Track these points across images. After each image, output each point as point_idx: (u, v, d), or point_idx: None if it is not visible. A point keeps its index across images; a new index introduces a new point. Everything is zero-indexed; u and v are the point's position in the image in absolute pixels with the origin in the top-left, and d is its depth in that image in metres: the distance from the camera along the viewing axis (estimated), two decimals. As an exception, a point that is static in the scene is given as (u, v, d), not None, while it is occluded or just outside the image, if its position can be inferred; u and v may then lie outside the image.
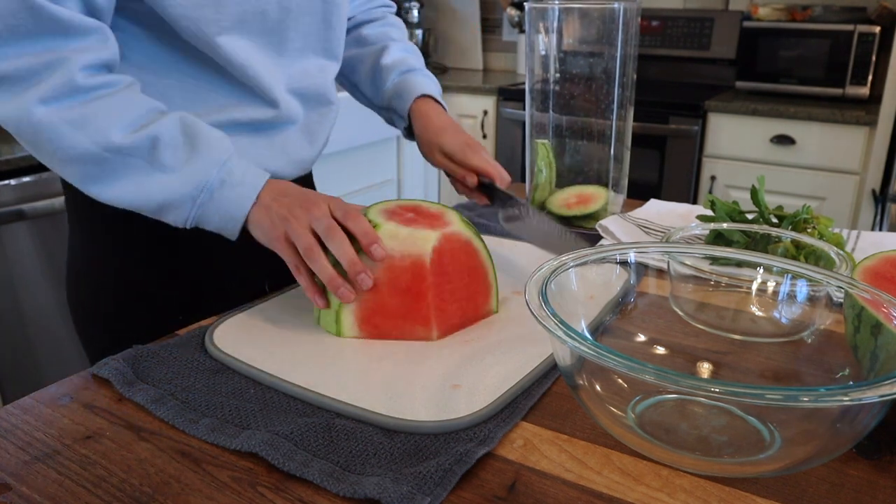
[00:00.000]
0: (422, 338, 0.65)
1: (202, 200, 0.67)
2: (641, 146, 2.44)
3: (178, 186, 0.66)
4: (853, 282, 0.54)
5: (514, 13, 3.15)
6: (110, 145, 0.65)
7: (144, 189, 0.66)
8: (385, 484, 0.44)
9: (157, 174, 0.66)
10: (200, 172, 0.66)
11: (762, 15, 2.52)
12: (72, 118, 0.64)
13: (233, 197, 0.67)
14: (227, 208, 0.67)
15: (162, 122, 0.67)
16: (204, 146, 0.67)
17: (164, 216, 0.68)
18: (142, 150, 0.66)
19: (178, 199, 0.67)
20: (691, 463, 0.47)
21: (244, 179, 0.68)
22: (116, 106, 0.66)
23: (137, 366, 0.60)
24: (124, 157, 0.65)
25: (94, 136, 0.64)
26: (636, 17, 0.92)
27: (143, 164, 0.66)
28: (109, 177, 0.66)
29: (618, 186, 1.00)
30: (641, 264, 0.67)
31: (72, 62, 0.63)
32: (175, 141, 0.67)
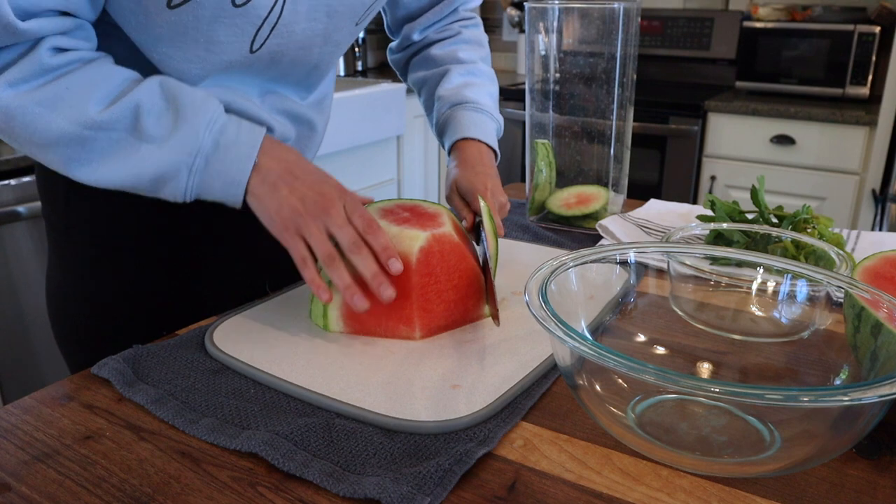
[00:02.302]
0: (405, 337, 0.65)
1: (197, 167, 0.62)
2: (641, 146, 2.45)
3: (168, 156, 0.61)
4: (853, 282, 0.54)
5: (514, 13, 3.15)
6: (88, 121, 0.60)
7: (133, 164, 0.62)
8: (385, 484, 0.44)
9: (144, 146, 0.61)
10: (190, 137, 0.62)
11: (762, 15, 2.52)
12: (43, 98, 0.59)
13: (231, 158, 0.63)
14: (227, 172, 0.63)
15: (140, 88, 0.62)
16: (189, 109, 0.62)
17: (161, 192, 0.63)
18: (123, 121, 0.61)
19: (172, 170, 0.62)
20: (691, 463, 0.47)
21: (239, 138, 0.63)
22: (89, 79, 0.61)
23: (137, 366, 0.60)
24: (106, 133, 0.61)
25: (70, 114, 0.60)
26: (636, 17, 0.92)
27: (128, 137, 0.61)
28: (94, 157, 0.62)
29: (618, 186, 1.00)
30: (641, 264, 0.67)
31: (40, 46, 0.59)
32: (157, 107, 0.62)
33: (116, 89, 0.62)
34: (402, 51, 0.99)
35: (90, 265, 0.78)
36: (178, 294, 0.81)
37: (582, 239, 0.94)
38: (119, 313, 0.79)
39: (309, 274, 0.64)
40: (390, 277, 0.63)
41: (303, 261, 0.64)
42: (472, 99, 0.89)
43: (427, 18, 0.94)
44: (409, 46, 0.97)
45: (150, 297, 0.79)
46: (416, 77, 0.96)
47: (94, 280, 0.78)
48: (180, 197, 0.63)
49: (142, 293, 0.79)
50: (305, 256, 0.64)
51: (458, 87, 0.90)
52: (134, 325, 0.77)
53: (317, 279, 0.64)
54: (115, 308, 0.79)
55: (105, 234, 0.77)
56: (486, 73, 0.96)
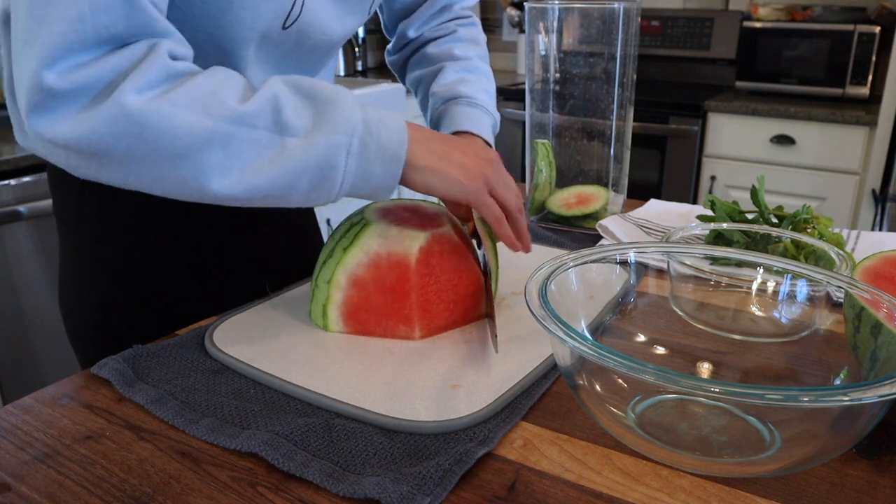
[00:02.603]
0: (404, 337, 0.65)
1: (354, 149, 0.57)
2: (641, 146, 2.45)
3: (322, 142, 0.56)
4: (853, 282, 0.54)
5: (514, 13, 3.15)
6: (234, 114, 0.54)
7: (283, 165, 0.56)
8: (385, 484, 0.44)
9: (290, 140, 0.56)
10: (341, 118, 0.57)
11: (762, 15, 2.52)
12: (178, 99, 0.53)
13: (385, 136, 0.58)
14: (385, 150, 0.58)
15: (269, 85, 0.57)
16: (326, 93, 0.58)
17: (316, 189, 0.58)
18: (265, 115, 0.56)
19: (328, 156, 0.56)
20: (691, 463, 0.47)
21: (382, 116, 0.60)
22: (215, 80, 0.56)
23: (137, 366, 0.60)
24: (250, 130, 0.55)
25: (213, 109, 0.54)
26: (636, 17, 0.92)
27: (270, 135, 0.56)
28: (237, 162, 0.55)
29: (618, 186, 1.00)
30: (641, 264, 0.67)
31: (159, 48, 0.54)
32: (293, 98, 0.57)
33: (243, 89, 0.57)
34: (398, 51, 0.99)
35: (101, 262, 0.78)
36: (187, 292, 0.81)
37: (582, 239, 0.94)
38: (130, 311, 0.79)
39: (505, 229, 0.66)
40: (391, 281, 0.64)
41: (498, 220, 0.65)
42: (467, 94, 0.88)
43: (422, 13, 0.94)
44: (406, 46, 0.98)
45: (160, 296, 0.80)
46: (413, 76, 0.96)
47: (105, 276, 0.79)
48: (334, 192, 0.59)
49: (152, 291, 0.79)
50: (500, 213, 0.65)
51: (453, 83, 0.89)
52: (144, 322, 0.78)
53: (512, 235, 0.67)
54: (125, 305, 0.79)
55: (117, 231, 0.77)
56: (482, 69, 0.95)
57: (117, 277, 0.79)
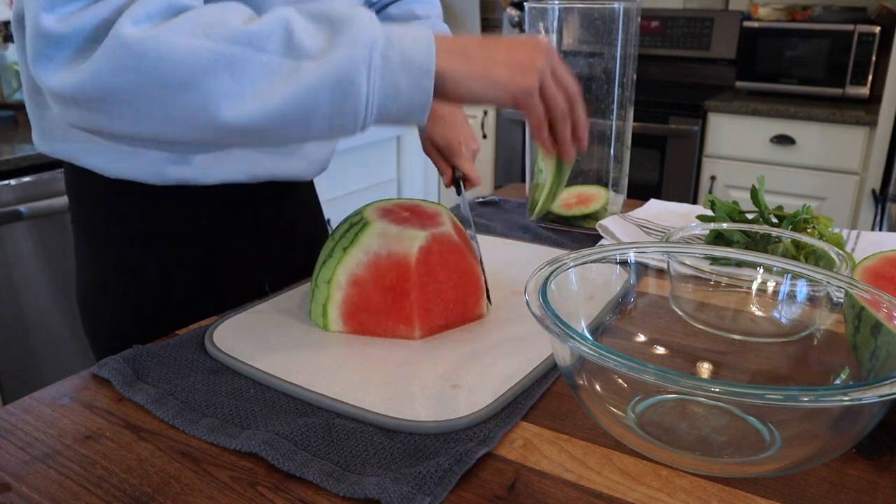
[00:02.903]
0: (404, 336, 0.65)
1: (376, 63, 0.53)
2: (641, 146, 2.44)
3: (340, 59, 0.52)
4: (853, 282, 0.54)
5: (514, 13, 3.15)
6: (237, 34, 0.51)
7: (298, 82, 0.52)
8: (385, 484, 0.44)
9: (306, 63, 0.52)
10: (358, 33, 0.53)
11: (762, 15, 2.52)
12: (177, 27, 0.51)
13: (408, 46, 0.54)
14: (411, 61, 0.54)
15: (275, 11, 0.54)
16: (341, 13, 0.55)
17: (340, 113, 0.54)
18: (275, 38, 0.52)
19: (347, 71, 0.52)
20: (691, 463, 0.47)
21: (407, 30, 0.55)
22: (218, 7, 0.54)
23: (137, 366, 0.60)
24: (258, 53, 0.52)
25: (215, 33, 0.51)
26: (636, 17, 0.92)
27: (282, 60, 0.52)
28: (247, 86, 0.52)
29: (618, 186, 1.00)
30: (641, 264, 0.67)
31: None
32: (304, 21, 0.54)
33: (249, 14, 0.55)
34: None
35: (124, 264, 0.79)
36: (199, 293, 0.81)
37: (582, 239, 0.94)
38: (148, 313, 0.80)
39: (544, 135, 0.61)
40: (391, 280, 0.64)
41: (539, 125, 0.60)
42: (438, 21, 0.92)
43: None
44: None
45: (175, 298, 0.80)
46: None
47: (127, 278, 0.79)
48: (361, 112, 0.54)
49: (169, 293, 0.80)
50: (542, 120, 0.60)
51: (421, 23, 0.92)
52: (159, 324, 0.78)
53: (549, 141, 0.62)
54: (144, 307, 0.80)
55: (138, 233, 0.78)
56: (444, 28, 0.97)
57: (138, 280, 0.79)
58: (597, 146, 0.97)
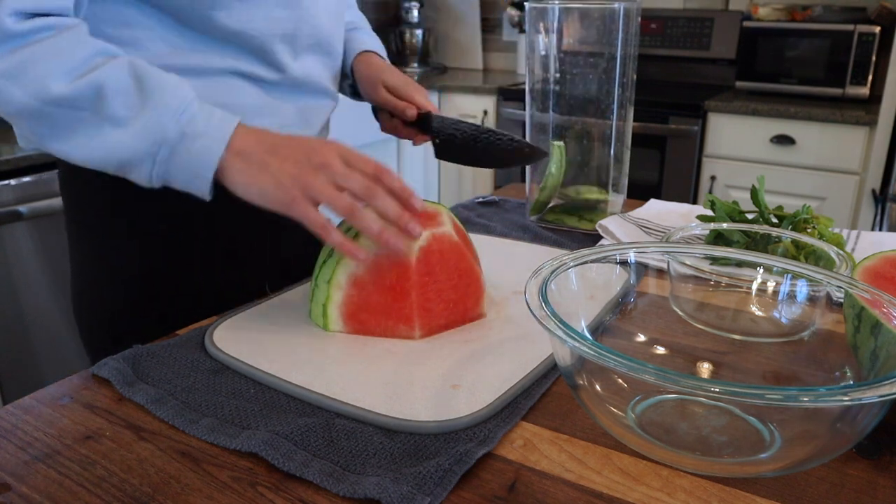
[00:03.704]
0: (405, 336, 0.65)
1: (162, 157, 0.60)
2: (641, 146, 2.44)
3: (132, 142, 0.59)
4: (853, 282, 0.54)
5: (514, 13, 3.15)
6: (48, 97, 0.58)
7: (98, 145, 0.60)
8: (385, 484, 0.44)
9: (108, 128, 0.59)
10: (155, 124, 0.59)
11: (762, 15, 2.52)
12: (6, 69, 0.57)
13: (196, 150, 0.60)
14: (191, 164, 0.60)
15: (108, 66, 0.59)
16: (157, 93, 0.60)
17: (127, 174, 0.62)
18: (85, 99, 0.58)
19: (136, 157, 0.60)
20: (691, 463, 0.47)
21: (208, 129, 0.60)
22: (56, 50, 0.58)
23: (137, 366, 0.60)
24: (68, 110, 0.59)
25: (31, 88, 0.58)
26: (636, 17, 0.92)
27: (91, 116, 0.59)
28: (61, 132, 0.60)
29: (618, 186, 1.00)
30: (641, 264, 0.67)
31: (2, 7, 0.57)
32: (124, 88, 0.59)
33: (83, 64, 0.59)
34: None
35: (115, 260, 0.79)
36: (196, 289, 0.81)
37: (582, 239, 0.94)
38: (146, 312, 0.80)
39: (336, 237, 0.60)
40: (391, 280, 0.63)
41: (323, 227, 0.60)
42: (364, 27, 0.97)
43: None
44: None
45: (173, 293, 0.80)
46: None
47: (121, 273, 0.79)
48: (146, 183, 0.62)
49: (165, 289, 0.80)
50: (324, 222, 0.60)
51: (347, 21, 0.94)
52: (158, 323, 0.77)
53: (346, 241, 0.61)
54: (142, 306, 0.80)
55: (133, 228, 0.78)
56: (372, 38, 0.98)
57: (132, 277, 0.79)
58: (597, 146, 0.97)
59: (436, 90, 2.87)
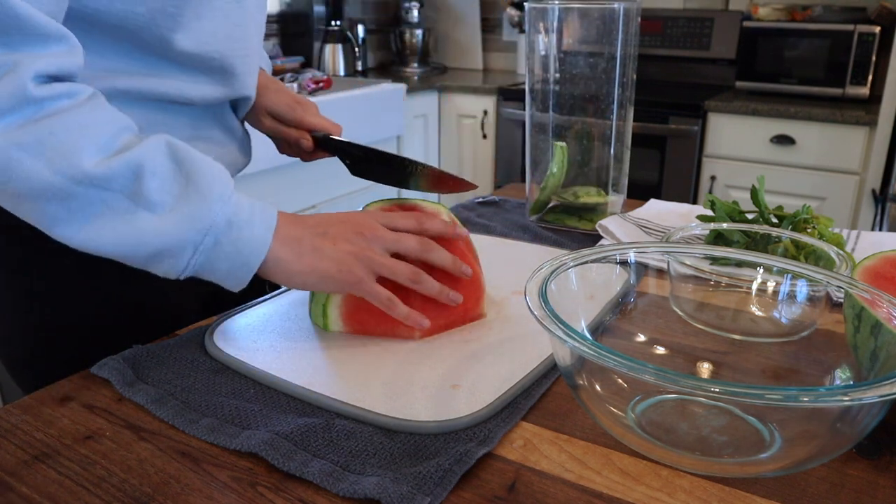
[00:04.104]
0: (405, 336, 0.65)
1: (206, 246, 0.55)
2: (641, 146, 2.44)
3: (173, 230, 0.53)
4: (853, 282, 0.54)
5: (514, 13, 3.15)
6: (80, 175, 0.51)
7: (127, 233, 0.53)
8: (385, 484, 0.44)
9: (143, 213, 0.53)
10: (202, 212, 0.54)
11: (762, 15, 2.52)
12: (25, 140, 0.50)
13: (245, 239, 0.56)
14: (239, 254, 0.56)
15: (145, 146, 0.54)
16: (200, 178, 0.55)
17: (154, 267, 0.56)
18: (122, 180, 0.52)
19: (175, 246, 0.54)
20: (691, 463, 0.47)
21: (253, 218, 0.57)
22: (82, 123, 0.53)
23: (137, 366, 0.60)
24: (99, 192, 0.52)
25: (58, 164, 0.51)
26: (636, 17, 0.92)
27: (124, 200, 0.53)
28: (80, 217, 0.52)
29: (618, 186, 1.00)
30: (641, 264, 0.67)
31: (22, 66, 0.50)
32: (163, 170, 0.54)
33: (114, 141, 0.54)
34: None
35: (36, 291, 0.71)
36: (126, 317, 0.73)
37: (582, 239, 0.94)
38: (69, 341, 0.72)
39: (403, 311, 0.61)
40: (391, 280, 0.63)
41: (390, 301, 0.61)
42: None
43: None
44: None
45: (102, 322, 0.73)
46: None
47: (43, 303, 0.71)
48: (173, 275, 0.56)
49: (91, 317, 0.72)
50: (391, 296, 0.61)
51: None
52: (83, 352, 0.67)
53: (413, 313, 0.62)
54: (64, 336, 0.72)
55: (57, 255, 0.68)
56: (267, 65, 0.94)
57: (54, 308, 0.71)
58: (597, 146, 0.97)
59: (436, 90, 2.88)
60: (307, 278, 0.59)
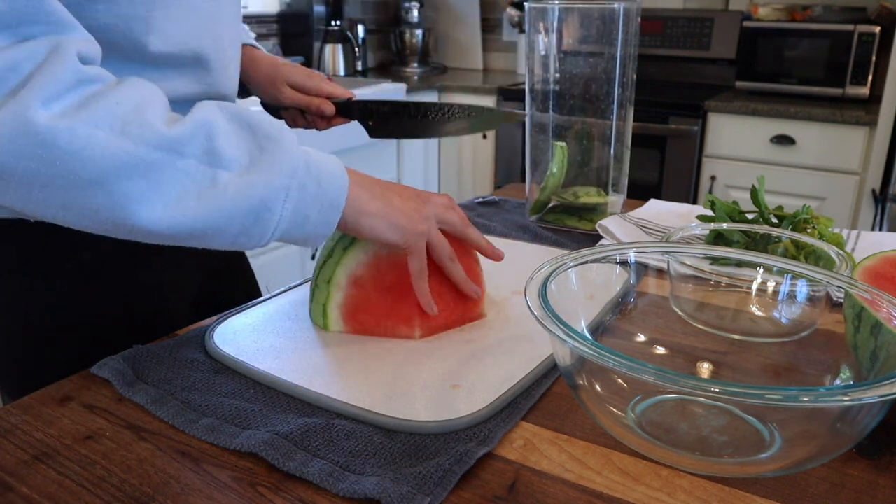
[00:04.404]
0: (405, 336, 0.65)
1: (293, 192, 0.53)
2: (641, 146, 2.44)
3: (258, 181, 0.51)
4: (853, 282, 0.54)
5: (514, 13, 3.15)
6: (159, 139, 0.49)
7: (213, 199, 0.51)
8: (385, 484, 0.44)
9: (223, 175, 0.51)
10: (281, 156, 0.53)
11: (762, 15, 2.52)
12: (94, 117, 0.47)
13: (326, 180, 0.55)
14: (325, 195, 0.55)
15: (202, 108, 0.53)
16: (267, 127, 0.54)
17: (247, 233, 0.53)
18: (195, 142, 0.50)
19: (264, 198, 0.52)
20: (691, 463, 0.47)
21: (321, 157, 0.56)
22: (139, 94, 0.50)
23: (137, 366, 0.60)
24: (177, 158, 0.49)
25: (136, 131, 0.48)
26: (636, 17, 0.92)
27: (200, 166, 0.50)
28: (161, 191, 0.49)
29: (618, 186, 1.00)
30: (641, 264, 0.67)
31: (65, 47, 0.48)
32: (229, 128, 0.52)
33: (167, 108, 0.52)
34: None
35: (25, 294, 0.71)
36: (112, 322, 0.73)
37: (582, 239, 0.94)
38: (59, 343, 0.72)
39: (425, 287, 0.64)
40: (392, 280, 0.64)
41: (420, 273, 0.63)
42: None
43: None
44: None
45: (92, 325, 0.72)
46: None
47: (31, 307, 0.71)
48: (266, 237, 0.54)
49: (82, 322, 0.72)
50: (424, 268, 0.63)
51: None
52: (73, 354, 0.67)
53: (429, 294, 0.64)
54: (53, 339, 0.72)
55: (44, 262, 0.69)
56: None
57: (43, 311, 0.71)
58: (597, 146, 0.97)
59: (436, 90, 2.88)
60: (376, 221, 0.59)
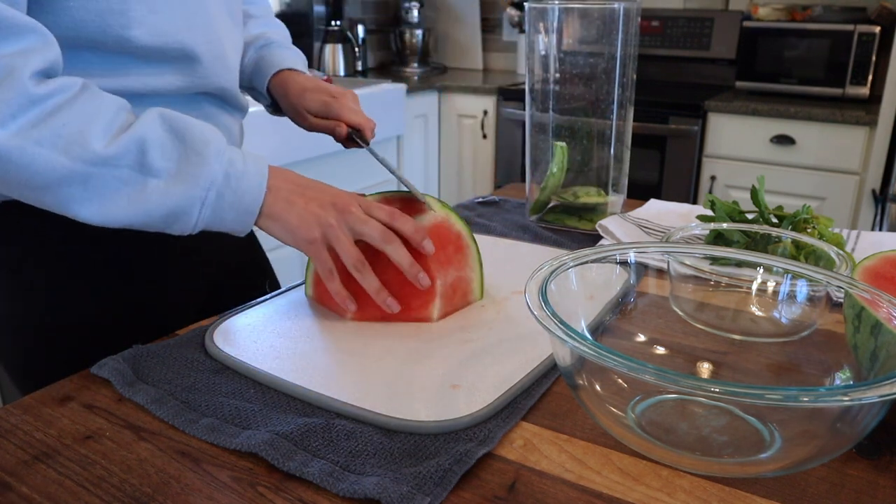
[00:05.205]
0: (420, 319, 0.68)
1: (210, 201, 0.61)
2: (641, 146, 2.44)
3: (179, 191, 0.60)
4: (853, 282, 0.54)
5: (514, 13, 3.15)
6: (93, 157, 0.57)
7: (141, 202, 0.59)
8: (385, 484, 0.44)
9: (152, 182, 0.59)
10: (202, 170, 0.60)
11: (762, 15, 2.52)
12: (42, 137, 0.55)
13: (243, 189, 0.62)
14: (241, 203, 0.62)
15: (143, 122, 0.60)
16: (197, 141, 0.61)
17: (170, 228, 0.62)
18: (128, 157, 0.58)
19: (184, 205, 0.60)
20: (691, 463, 0.47)
21: (247, 168, 0.63)
22: (84, 111, 0.58)
23: (137, 366, 0.60)
24: (110, 169, 0.58)
25: (74, 151, 0.56)
26: (636, 17, 0.92)
27: (132, 173, 0.59)
28: (97, 195, 0.58)
29: (618, 186, 1.00)
30: (641, 264, 0.67)
31: (18, 70, 0.54)
32: (161, 140, 0.60)
33: (114, 121, 0.59)
34: None
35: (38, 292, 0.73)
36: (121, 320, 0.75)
37: (582, 239, 0.94)
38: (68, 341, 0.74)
39: (336, 286, 0.66)
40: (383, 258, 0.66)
41: (329, 273, 0.66)
42: (278, 40, 0.94)
43: None
44: None
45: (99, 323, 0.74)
46: None
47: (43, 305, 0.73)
48: (187, 231, 0.62)
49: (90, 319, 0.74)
50: (332, 268, 0.66)
51: (261, 33, 0.93)
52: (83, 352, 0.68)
53: (342, 290, 0.66)
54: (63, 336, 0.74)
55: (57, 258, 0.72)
56: (278, 23, 0.98)
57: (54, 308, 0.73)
58: (597, 146, 0.97)
59: (436, 90, 2.88)
60: (272, 224, 0.64)
